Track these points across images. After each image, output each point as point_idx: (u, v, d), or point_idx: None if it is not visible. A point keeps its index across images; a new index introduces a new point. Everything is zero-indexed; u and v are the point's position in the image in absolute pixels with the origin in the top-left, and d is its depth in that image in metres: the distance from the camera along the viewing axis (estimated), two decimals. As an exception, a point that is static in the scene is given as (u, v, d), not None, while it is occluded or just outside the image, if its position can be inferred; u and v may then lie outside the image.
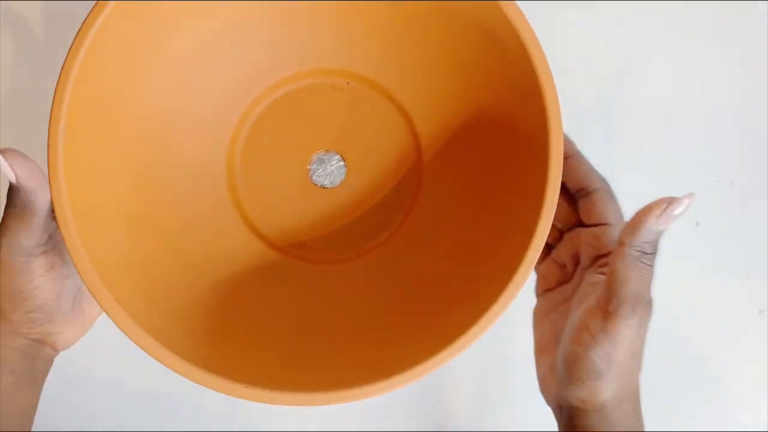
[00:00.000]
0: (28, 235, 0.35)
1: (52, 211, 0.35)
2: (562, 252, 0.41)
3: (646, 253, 0.33)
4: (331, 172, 0.44)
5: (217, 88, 0.42)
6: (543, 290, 0.42)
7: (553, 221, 0.34)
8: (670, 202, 0.32)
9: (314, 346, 0.39)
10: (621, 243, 0.33)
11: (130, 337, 0.34)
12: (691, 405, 0.51)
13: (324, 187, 0.44)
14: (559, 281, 0.41)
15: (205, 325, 0.38)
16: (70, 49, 0.33)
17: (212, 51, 0.41)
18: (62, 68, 0.33)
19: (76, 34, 0.33)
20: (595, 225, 0.38)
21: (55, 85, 0.33)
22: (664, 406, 0.50)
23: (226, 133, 0.43)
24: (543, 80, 0.34)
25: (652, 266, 0.33)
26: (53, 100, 0.33)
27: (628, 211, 0.34)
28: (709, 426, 0.50)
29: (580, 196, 0.39)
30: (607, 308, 0.34)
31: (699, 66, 0.49)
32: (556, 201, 0.34)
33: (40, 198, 0.34)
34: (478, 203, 0.41)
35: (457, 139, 0.42)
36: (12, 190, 0.35)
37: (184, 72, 0.41)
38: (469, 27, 0.37)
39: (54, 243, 0.37)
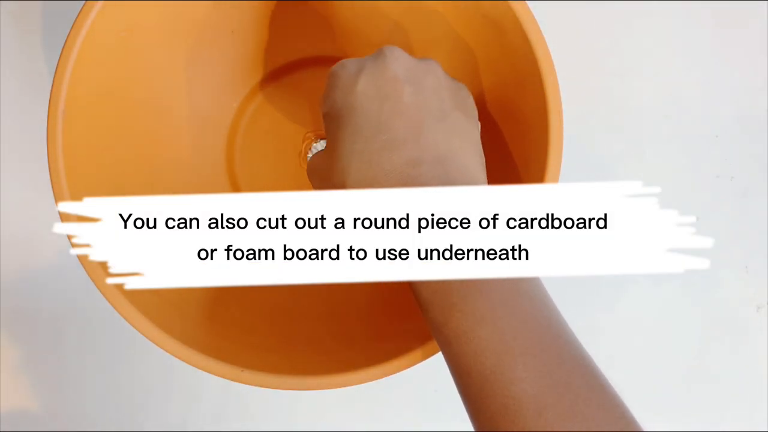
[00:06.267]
0: None
1: None
2: None
3: None
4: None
5: (218, 72, 0.42)
6: None
7: None
8: None
9: (311, 333, 0.39)
10: None
11: (130, 322, 0.34)
12: (688, 402, 0.50)
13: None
14: None
15: (203, 312, 0.38)
16: (68, 37, 0.33)
17: (214, 37, 0.41)
18: (61, 53, 0.33)
19: (75, 20, 0.33)
20: None
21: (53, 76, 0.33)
22: (662, 404, 0.50)
23: (227, 118, 0.43)
24: (543, 66, 0.34)
25: None
26: (53, 83, 0.33)
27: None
28: (707, 424, 0.50)
29: None
30: None
31: (700, 62, 0.49)
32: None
33: None
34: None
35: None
36: None
37: (186, 57, 0.41)
38: (473, 17, 0.37)
39: None
